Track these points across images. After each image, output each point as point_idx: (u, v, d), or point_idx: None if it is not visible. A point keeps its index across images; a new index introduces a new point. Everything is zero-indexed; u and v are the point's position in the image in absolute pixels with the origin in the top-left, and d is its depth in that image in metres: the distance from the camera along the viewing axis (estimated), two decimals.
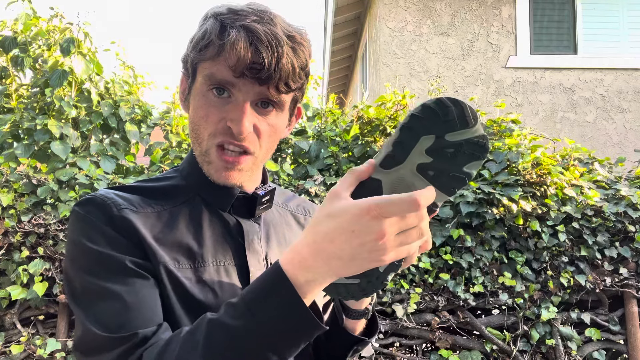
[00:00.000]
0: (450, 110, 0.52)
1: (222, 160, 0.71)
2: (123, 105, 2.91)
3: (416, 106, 0.54)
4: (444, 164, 0.54)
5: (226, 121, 0.69)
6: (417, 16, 5.83)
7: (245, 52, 0.65)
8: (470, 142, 0.53)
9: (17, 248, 2.27)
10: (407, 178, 0.55)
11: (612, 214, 2.44)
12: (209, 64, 0.69)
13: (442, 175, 0.55)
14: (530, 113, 5.74)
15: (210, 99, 0.70)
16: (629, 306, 2.43)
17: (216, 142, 0.70)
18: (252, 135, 0.71)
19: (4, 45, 2.88)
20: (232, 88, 0.68)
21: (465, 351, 2.34)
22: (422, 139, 0.53)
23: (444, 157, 0.54)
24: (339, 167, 2.54)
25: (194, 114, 0.72)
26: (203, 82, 0.70)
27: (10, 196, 2.25)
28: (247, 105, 0.68)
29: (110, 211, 0.68)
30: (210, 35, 0.68)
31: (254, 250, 0.76)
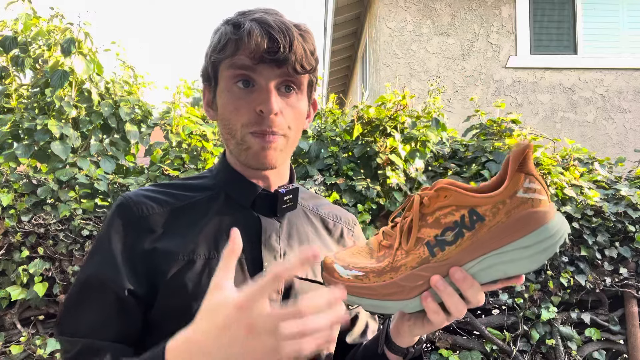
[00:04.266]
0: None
1: (260, 141, 0.74)
2: (123, 105, 2.91)
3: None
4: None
5: (255, 108, 0.73)
6: (417, 16, 5.83)
7: (260, 38, 0.71)
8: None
9: (17, 248, 2.27)
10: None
11: (612, 214, 2.44)
12: (229, 60, 0.74)
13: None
14: (530, 113, 5.74)
15: (236, 92, 0.74)
16: (629, 306, 2.43)
17: (250, 131, 0.74)
18: (281, 118, 0.74)
19: (4, 45, 2.87)
20: (254, 74, 0.73)
21: (465, 351, 2.34)
22: None
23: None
24: (339, 167, 2.54)
25: (223, 110, 0.76)
26: (227, 77, 0.75)
27: (10, 196, 2.25)
28: (272, 86, 0.73)
29: (132, 217, 0.74)
30: (226, 35, 0.74)
31: (270, 247, 0.77)
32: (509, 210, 0.53)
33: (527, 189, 0.52)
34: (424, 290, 0.57)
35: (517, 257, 0.53)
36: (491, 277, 0.56)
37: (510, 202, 0.53)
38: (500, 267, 0.54)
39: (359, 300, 0.59)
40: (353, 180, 2.43)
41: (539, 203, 0.52)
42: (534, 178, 0.52)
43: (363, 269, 0.59)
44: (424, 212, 0.58)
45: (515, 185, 0.52)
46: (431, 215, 0.57)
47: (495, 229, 0.53)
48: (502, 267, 0.54)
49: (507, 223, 0.53)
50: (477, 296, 0.57)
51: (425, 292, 0.57)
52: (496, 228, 0.53)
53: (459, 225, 0.55)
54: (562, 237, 0.53)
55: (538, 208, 0.52)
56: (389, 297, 0.58)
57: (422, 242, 0.57)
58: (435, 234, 0.57)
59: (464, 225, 0.55)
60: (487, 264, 0.55)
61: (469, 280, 0.56)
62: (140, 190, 0.79)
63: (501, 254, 0.54)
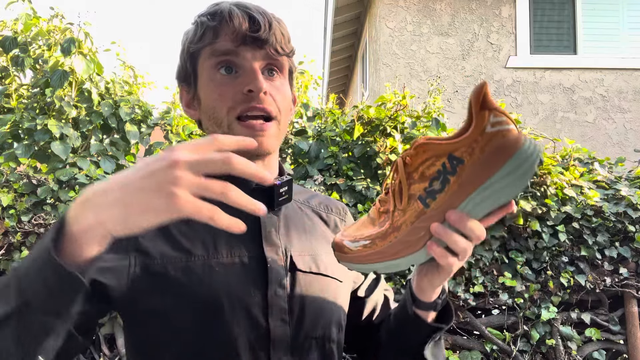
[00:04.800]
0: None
1: (248, 128, 0.72)
2: (123, 105, 2.91)
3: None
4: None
5: (241, 90, 0.72)
6: (417, 16, 5.83)
7: (241, 19, 0.71)
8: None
9: (17, 248, 2.27)
10: None
11: (612, 214, 2.44)
12: (209, 47, 0.73)
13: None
14: (530, 113, 5.74)
15: (219, 79, 0.73)
16: (629, 306, 2.43)
17: (236, 114, 0.73)
18: (269, 98, 0.73)
19: (4, 45, 2.87)
20: (237, 58, 0.72)
21: (465, 351, 2.34)
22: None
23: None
24: (339, 167, 2.54)
25: (207, 98, 0.75)
26: (208, 67, 0.74)
27: (10, 196, 2.25)
28: (257, 67, 0.72)
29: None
30: (202, 25, 0.73)
31: (271, 242, 0.75)
32: (483, 146, 0.57)
33: (494, 122, 0.56)
34: (428, 239, 0.61)
35: (502, 186, 0.57)
36: (485, 210, 0.60)
37: (482, 139, 0.57)
38: (490, 200, 0.58)
39: (372, 266, 0.63)
40: (353, 180, 2.43)
41: (508, 132, 0.56)
42: (498, 112, 0.56)
43: (369, 237, 0.63)
44: (409, 171, 0.62)
45: (482, 122, 0.56)
46: (416, 171, 0.61)
47: (475, 166, 0.57)
48: (491, 199, 0.58)
49: (484, 158, 0.57)
50: (476, 231, 0.60)
51: (428, 241, 0.61)
52: (475, 165, 0.57)
53: (442, 173, 0.59)
54: (538, 156, 0.56)
55: (508, 137, 0.56)
56: (397, 255, 0.62)
57: (415, 197, 0.61)
58: (424, 187, 0.60)
59: (446, 172, 0.59)
60: (478, 200, 0.59)
61: (464, 219, 0.59)
62: None
63: (487, 187, 0.58)
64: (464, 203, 0.59)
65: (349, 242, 0.64)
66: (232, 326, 0.68)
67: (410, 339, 0.78)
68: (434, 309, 0.75)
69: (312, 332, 0.75)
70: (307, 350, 0.74)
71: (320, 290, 0.77)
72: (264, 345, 0.70)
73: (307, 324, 0.74)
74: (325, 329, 0.77)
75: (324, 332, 0.77)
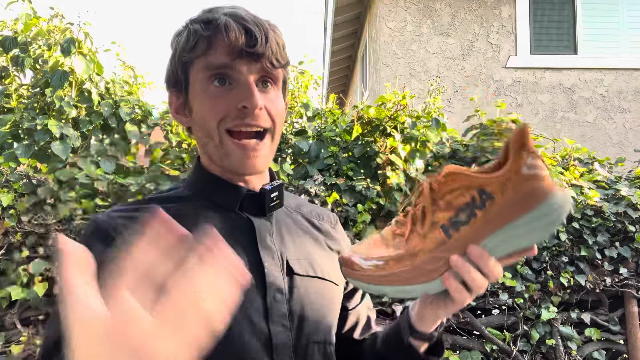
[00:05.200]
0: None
1: (240, 147, 0.71)
2: (123, 105, 2.91)
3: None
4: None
5: (235, 104, 0.70)
6: (417, 16, 5.83)
7: (238, 33, 0.69)
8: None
9: (17, 248, 2.27)
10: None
11: (612, 214, 2.44)
12: (202, 59, 0.71)
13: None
14: (530, 113, 5.74)
15: (212, 91, 0.71)
16: (629, 306, 2.43)
17: (227, 127, 0.71)
18: (264, 113, 0.72)
19: (4, 45, 2.87)
20: (232, 71, 0.71)
21: (465, 351, 2.34)
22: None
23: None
24: (339, 167, 2.54)
25: (199, 109, 0.73)
26: (201, 79, 0.72)
27: (10, 196, 2.25)
28: (252, 81, 0.71)
29: (112, 239, 0.68)
30: (195, 34, 0.71)
31: (267, 247, 0.75)
32: (516, 186, 0.55)
33: (530, 165, 0.55)
34: (445, 271, 0.60)
35: (528, 229, 0.56)
36: (506, 250, 0.59)
37: (516, 179, 0.55)
38: (513, 240, 0.58)
39: (383, 288, 0.61)
40: (353, 180, 2.43)
41: (542, 178, 0.55)
42: (536, 155, 0.55)
43: (382, 257, 0.61)
44: (434, 197, 0.61)
45: (519, 163, 0.55)
46: (442, 199, 0.60)
47: (505, 205, 0.56)
48: (515, 240, 0.58)
49: (516, 198, 0.56)
50: (495, 270, 0.59)
51: (445, 272, 0.59)
52: (506, 204, 0.56)
53: (470, 205, 0.58)
54: (568, 207, 0.56)
55: (542, 182, 0.55)
56: (411, 281, 0.60)
57: (437, 225, 0.60)
58: (449, 216, 0.59)
59: (475, 205, 0.57)
60: (501, 239, 0.58)
61: (486, 256, 0.58)
62: (111, 212, 0.73)
63: (513, 228, 0.57)
64: (487, 239, 0.58)
65: (360, 259, 0.62)
66: (234, 333, 0.67)
67: None
68: (429, 340, 0.73)
69: (314, 336, 0.74)
70: (310, 355, 0.73)
71: (318, 293, 0.77)
72: (267, 351, 0.69)
73: (308, 328, 0.74)
74: (326, 333, 0.77)
75: (324, 336, 0.76)
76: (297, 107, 2.97)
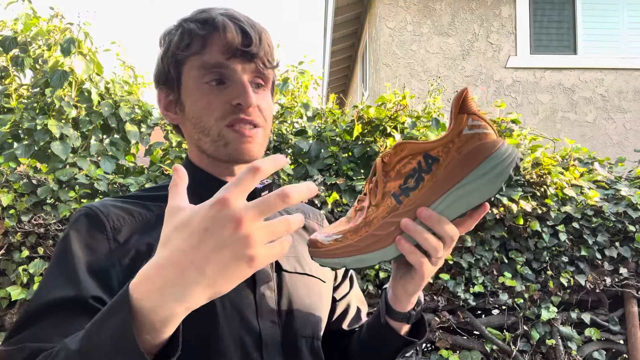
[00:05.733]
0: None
1: (239, 134, 0.73)
2: (123, 105, 2.91)
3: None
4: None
5: (230, 102, 0.72)
6: (417, 16, 5.83)
7: (234, 34, 0.71)
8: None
9: (17, 248, 2.27)
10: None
11: (612, 214, 2.44)
12: (197, 57, 0.73)
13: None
14: (530, 113, 5.74)
15: (207, 89, 0.73)
16: (629, 306, 2.43)
17: (225, 123, 0.73)
18: (256, 110, 0.74)
19: (4, 45, 2.88)
20: (227, 71, 0.72)
21: (465, 351, 2.34)
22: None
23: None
24: (339, 167, 2.54)
25: (194, 108, 0.74)
26: (194, 77, 0.73)
27: (10, 196, 2.25)
28: (246, 80, 0.73)
29: (104, 227, 0.69)
30: (190, 32, 0.73)
31: None
32: (459, 147, 0.58)
33: (472, 126, 0.58)
34: (398, 235, 0.61)
35: (475, 187, 0.58)
36: (458, 211, 0.60)
37: (458, 140, 0.58)
38: (463, 200, 0.59)
39: (342, 260, 0.63)
40: (353, 180, 2.43)
41: (485, 136, 0.58)
42: (477, 116, 0.58)
43: (341, 232, 0.64)
44: (386, 170, 0.63)
45: (460, 125, 0.58)
46: (393, 170, 0.62)
47: (450, 166, 0.58)
48: (465, 199, 0.59)
49: (460, 158, 0.58)
50: (446, 230, 0.60)
51: (398, 236, 0.61)
52: (451, 165, 0.58)
53: (417, 170, 0.60)
54: (514, 160, 0.57)
55: (485, 140, 0.58)
56: (367, 249, 0.62)
57: (389, 194, 0.62)
58: (399, 184, 0.61)
59: (422, 170, 0.60)
60: (451, 200, 0.59)
61: (435, 217, 0.59)
62: (104, 201, 0.74)
63: (461, 187, 0.59)
64: (437, 202, 0.59)
65: (322, 237, 0.64)
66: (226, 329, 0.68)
67: (380, 350, 0.78)
68: (407, 320, 0.74)
69: (302, 331, 0.76)
70: (299, 350, 0.75)
71: (306, 290, 0.79)
72: (257, 347, 0.70)
73: (296, 324, 0.75)
74: (314, 328, 0.78)
75: (312, 331, 0.78)
76: (297, 107, 2.97)
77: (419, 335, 0.77)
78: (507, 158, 0.57)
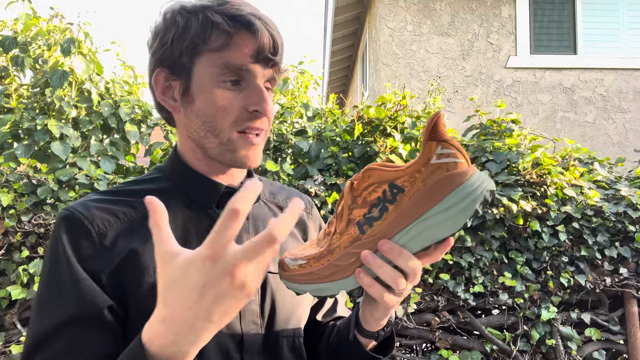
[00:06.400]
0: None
1: (248, 142, 0.72)
2: (123, 105, 2.91)
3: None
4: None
5: (247, 107, 0.70)
6: (417, 16, 5.83)
7: (268, 38, 0.69)
8: None
9: (17, 248, 2.27)
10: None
11: (612, 214, 2.44)
12: (219, 54, 0.69)
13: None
14: (530, 113, 5.74)
15: (225, 90, 0.70)
16: (629, 306, 2.43)
17: (238, 129, 0.71)
18: (266, 117, 0.74)
19: (4, 45, 2.87)
20: (247, 74, 0.70)
21: (465, 351, 2.34)
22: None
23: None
24: (339, 167, 2.54)
25: (208, 106, 0.70)
26: (214, 74, 0.69)
27: (10, 196, 2.25)
28: (263, 86, 0.72)
29: (90, 234, 0.68)
30: (216, 25, 0.69)
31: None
32: (425, 177, 0.55)
33: (440, 154, 0.55)
34: (358, 266, 0.59)
35: (439, 220, 0.55)
36: (422, 244, 0.57)
37: (425, 170, 0.55)
38: (427, 233, 0.56)
39: (305, 287, 0.61)
40: None
41: (454, 166, 0.55)
42: (447, 144, 0.55)
43: (306, 257, 0.62)
44: (354, 195, 0.61)
45: (428, 153, 0.55)
46: (359, 196, 0.60)
47: (414, 197, 0.56)
48: (429, 233, 0.56)
49: (424, 190, 0.55)
50: (408, 264, 0.57)
51: (358, 268, 0.59)
52: (415, 197, 0.56)
53: (382, 200, 0.58)
54: (482, 193, 0.54)
55: (453, 171, 0.54)
56: (328, 278, 0.60)
57: (353, 222, 0.60)
58: (364, 212, 0.59)
59: (386, 200, 0.57)
60: (415, 232, 0.57)
61: (396, 250, 0.57)
62: (87, 201, 0.71)
63: (425, 220, 0.56)
64: (400, 234, 0.57)
65: (289, 260, 0.62)
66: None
67: (345, 358, 0.78)
68: (375, 339, 0.73)
69: (284, 331, 0.76)
70: (279, 350, 0.75)
71: (288, 289, 0.78)
72: (238, 349, 0.70)
73: (278, 324, 0.75)
74: (295, 326, 0.78)
75: (293, 330, 0.78)
76: (297, 107, 2.97)
77: (385, 352, 0.77)
78: (474, 191, 0.54)
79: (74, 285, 0.64)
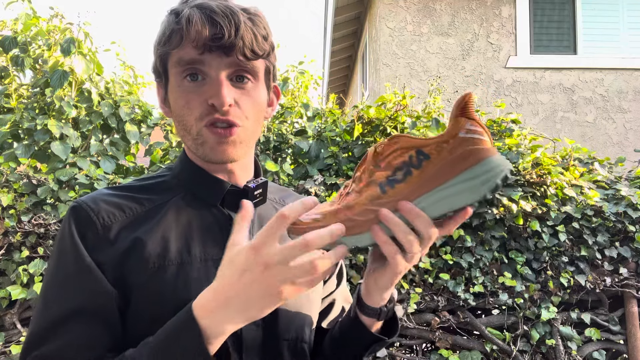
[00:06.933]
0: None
1: (215, 135, 0.71)
2: (123, 105, 2.91)
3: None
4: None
5: (207, 100, 0.69)
6: (417, 16, 5.83)
7: (202, 25, 0.67)
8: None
9: (17, 248, 2.27)
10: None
11: (612, 214, 2.44)
12: (176, 52, 0.70)
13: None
14: (530, 113, 5.74)
15: (186, 86, 0.71)
16: (629, 306, 2.43)
17: (204, 123, 0.71)
18: (235, 109, 0.71)
19: (4, 45, 2.87)
20: (202, 66, 0.69)
21: (465, 351, 2.34)
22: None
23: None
24: (339, 167, 2.54)
25: (175, 106, 0.73)
26: (175, 73, 0.71)
27: (10, 196, 2.25)
28: (222, 77, 0.69)
29: (95, 226, 0.69)
30: (169, 25, 0.70)
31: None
32: (452, 148, 0.58)
33: (469, 130, 0.57)
34: (375, 224, 0.61)
35: (460, 190, 0.58)
36: (440, 210, 0.59)
37: (453, 142, 0.58)
38: (446, 201, 0.59)
39: None
40: None
41: (480, 142, 0.58)
42: (475, 122, 0.58)
43: (321, 212, 0.64)
44: (377, 159, 0.63)
45: (457, 127, 0.58)
46: (384, 160, 0.62)
47: (440, 165, 0.58)
48: (448, 201, 0.59)
49: (450, 159, 0.58)
50: (426, 228, 0.59)
51: (375, 225, 0.61)
52: (441, 164, 0.58)
53: (407, 164, 0.60)
54: (503, 171, 0.57)
55: (479, 146, 0.57)
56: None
57: (375, 183, 0.62)
58: (387, 174, 0.61)
59: (412, 164, 0.60)
60: (435, 199, 0.59)
61: (416, 211, 0.58)
62: (97, 195, 0.73)
63: (447, 188, 0.58)
64: (421, 198, 0.59)
65: (303, 216, 0.63)
66: None
67: (349, 344, 0.77)
68: (377, 316, 0.72)
69: (285, 334, 0.75)
70: (279, 352, 0.74)
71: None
72: (237, 350, 0.70)
73: (279, 327, 0.74)
74: (297, 331, 0.77)
75: (296, 334, 0.76)
76: (297, 107, 2.97)
77: (390, 333, 0.76)
78: (496, 167, 0.57)
79: (79, 276, 0.66)
